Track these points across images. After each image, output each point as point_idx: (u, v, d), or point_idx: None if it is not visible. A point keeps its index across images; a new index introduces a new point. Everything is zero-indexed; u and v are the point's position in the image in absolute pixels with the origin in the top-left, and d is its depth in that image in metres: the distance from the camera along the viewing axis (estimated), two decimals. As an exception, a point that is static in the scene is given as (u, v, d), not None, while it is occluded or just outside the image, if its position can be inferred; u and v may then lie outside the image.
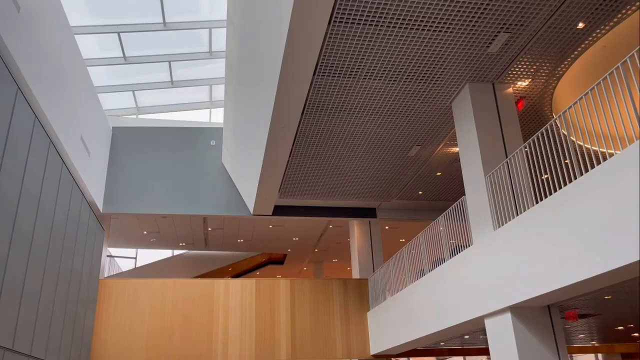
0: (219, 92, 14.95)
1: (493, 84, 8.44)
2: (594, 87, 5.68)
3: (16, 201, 6.85)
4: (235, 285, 12.92)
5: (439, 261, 9.30)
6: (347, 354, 12.78)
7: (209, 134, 13.87)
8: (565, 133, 6.23)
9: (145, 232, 16.96)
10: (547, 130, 6.59)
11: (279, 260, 21.82)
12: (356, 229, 14.63)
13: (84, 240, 10.19)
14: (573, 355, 15.28)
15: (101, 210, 12.27)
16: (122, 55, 12.44)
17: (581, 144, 6.49)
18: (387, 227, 16.17)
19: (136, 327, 11.94)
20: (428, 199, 13.39)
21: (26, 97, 7.25)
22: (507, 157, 7.80)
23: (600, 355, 16.70)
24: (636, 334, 11.30)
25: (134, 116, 15.15)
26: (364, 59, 7.60)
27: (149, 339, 11.90)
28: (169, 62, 13.28)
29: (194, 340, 12.05)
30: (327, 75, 8.01)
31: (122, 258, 20.21)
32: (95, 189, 11.50)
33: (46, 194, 8.00)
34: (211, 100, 15.61)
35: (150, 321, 12.06)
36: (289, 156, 10.39)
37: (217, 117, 15.75)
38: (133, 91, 14.29)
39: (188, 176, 13.35)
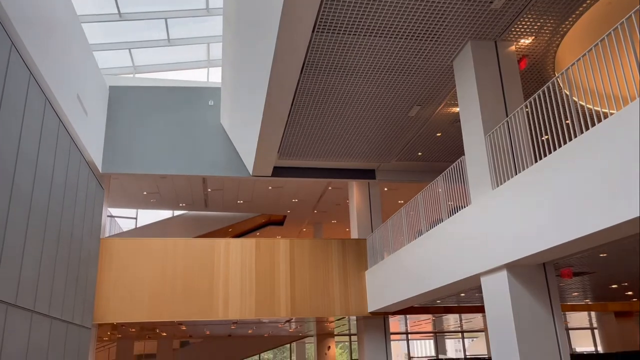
0: (217, 50, 14.71)
1: (495, 42, 8.30)
2: (597, 44, 5.57)
3: (14, 160, 6.83)
4: (235, 244, 13.06)
5: (437, 222, 9.37)
6: (345, 311, 13.05)
7: (207, 93, 13.74)
8: (568, 93, 6.16)
9: (145, 193, 17.03)
10: (548, 89, 6.51)
11: (279, 222, 22.01)
12: (355, 191, 14.68)
13: (83, 199, 10.23)
14: (566, 313, 15.59)
15: (100, 170, 12.27)
16: (117, 12, 12.18)
17: (583, 104, 6.43)
18: (385, 189, 16.22)
19: (138, 286, 12.13)
20: (427, 160, 13.38)
21: (20, 53, 7.13)
22: (507, 117, 7.74)
23: (593, 314, 17.05)
24: (630, 292, 11.50)
25: (131, 75, 14.96)
26: (364, 15, 7.44)
27: (150, 296, 12.11)
28: (165, 19, 13.01)
29: (195, 298, 12.27)
30: (327, 33, 7.86)
31: (122, 218, 20.37)
32: (94, 148, 11.47)
33: (44, 153, 7.97)
34: (209, 59, 15.38)
35: (151, 279, 12.24)
36: (288, 116, 10.31)
37: (215, 76, 15.55)
38: (129, 49, 14.06)
39: (186, 136, 13.29)
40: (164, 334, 19.86)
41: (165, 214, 20.62)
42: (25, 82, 7.30)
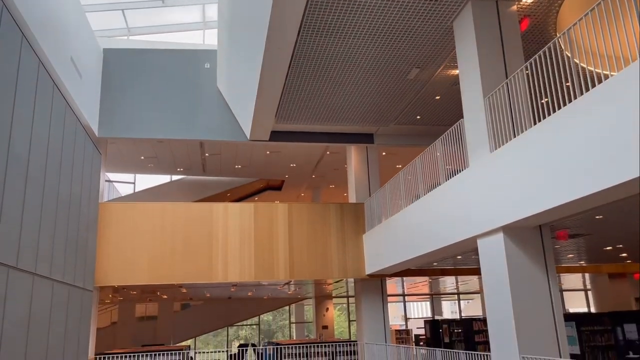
0: (212, 11, 14.41)
1: (497, 2, 8.12)
2: (599, 3, 5.46)
3: (9, 123, 6.77)
4: (234, 209, 13.12)
5: (435, 186, 9.39)
6: (343, 274, 13.23)
7: (203, 56, 13.53)
8: (569, 55, 6.07)
9: (142, 158, 16.98)
10: (549, 49, 6.42)
11: (277, 187, 22.05)
12: (353, 155, 14.66)
13: (81, 164, 10.20)
14: (561, 274, 15.85)
15: (97, 134, 12.19)
16: (109, -28, 11.86)
17: (584, 66, 6.34)
18: (384, 153, 16.19)
19: (137, 249, 12.25)
20: (426, 123, 13.31)
21: (12, 15, 6.96)
22: (507, 79, 7.65)
23: (587, 275, 17.34)
24: (624, 254, 11.65)
25: (125, 37, 14.69)
26: (362, -27, 7.24)
27: (150, 259, 12.24)
28: (159, -21, 12.70)
29: (195, 261, 12.41)
30: (324, -8, 7.66)
31: (120, 183, 20.39)
32: (90, 112, 11.36)
33: (39, 117, 7.89)
34: (204, 21, 15.09)
35: (151, 243, 12.35)
36: (286, 79, 10.18)
37: (210, 38, 15.28)
38: (122, 10, 13.75)
39: (183, 100, 13.16)
40: (165, 296, 20.17)
41: (163, 178, 20.63)
42: (18, 43, 7.16)
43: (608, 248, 10.57)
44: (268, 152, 16.66)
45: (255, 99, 10.32)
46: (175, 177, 20.60)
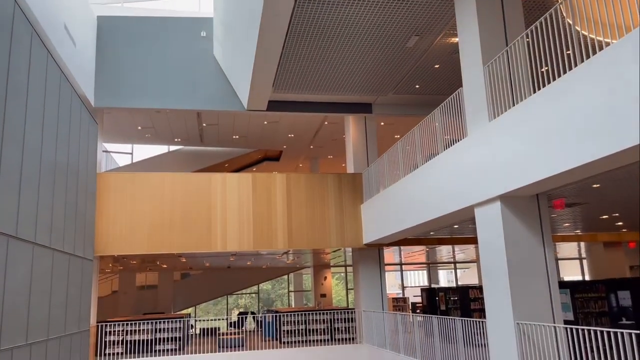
0: (208, -22, 14.09)
1: (498, -33, 7.94)
2: (604, -33, 5.34)
3: (3, 93, 6.69)
4: (232, 179, 13.13)
5: (433, 156, 9.38)
6: (341, 243, 13.35)
7: (199, 24, 13.30)
8: (570, 22, 5.98)
9: (139, 128, 16.89)
10: (550, 16, 6.31)
11: (275, 157, 22.02)
12: (351, 125, 14.60)
13: (77, 134, 10.14)
14: (557, 243, 16.01)
15: (93, 104, 12.09)
16: (101, -64, 11.54)
17: (586, 34, 6.25)
18: (382, 123, 16.12)
19: (136, 219, 12.30)
20: (425, 93, 13.20)
21: (1, -20, 6.80)
22: (507, 46, 7.55)
23: (582, 244, 17.53)
24: (620, 223, 11.75)
25: (119, 4, 14.40)
26: (361, -63, 7.06)
27: (149, 229, 12.31)
28: (153, -56, 12.37)
29: (194, 231, 12.49)
30: (322, -44, 7.49)
31: (118, 153, 20.33)
32: (85, 81, 11.23)
33: (34, 86, 7.80)
34: (200, -12, 14.78)
35: (150, 213, 12.40)
36: (283, 47, 10.04)
37: (206, 6, 15.00)
38: (116, -23, 13.46)
39: (179, 69, 13.01)
40: (165, 266, 20.38)
41: (161, 149, 20.57)
42: (10, 11, 7.02)
43: (604, 217, 10.65)
44: (266, 123, 16.57)
45: (252, 67, 10.20)
46: (173, 148, 20.53)
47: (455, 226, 11.06)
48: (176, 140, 18.58)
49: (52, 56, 8.73)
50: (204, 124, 16.76)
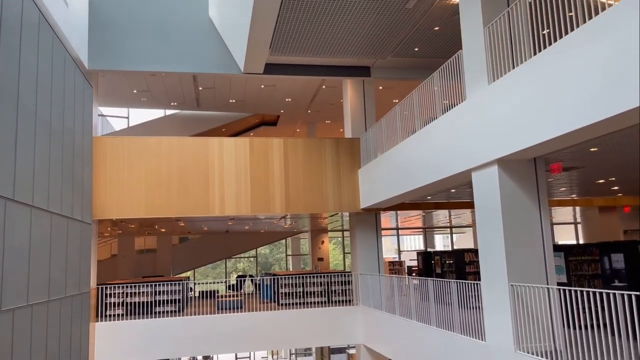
0: None
1: None
2: None
3: (-5, 52, 6.57)
4: (229, 143, 13.07)
5: (431, 121, 9.32)
6: (339, 207, 13.42)
7: (193, -16, 12.96)
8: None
9: (135, 91, 16.70)
10: (554, -25, 6.15)
11: (272, 122, 21.89)
12: (350, 89, 14.45)
13: (72, 96, 10.02)
14: (552, 208, 16.14)
15: (87, 66, 11.89)
16: None
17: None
18: (380, 87, 15.96)
19: (134, 183, 12.31)
20: (424, 56, 13.00)
21: None
22: (508, 7, 7.40)
23: (578, 209, 17.66)
24: (616, 187, 11.80)
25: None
26: None
27: (147, 193, 12.33)
28: None
29: (192, 195, 12.51)
30: None
31: (114, 117, 20.17)
32: (78, 43, 11.01)
33: (27, 47, 7.65)
34: (194, -54, 14.32)
35: (147, 177, 12.39)
36: (280, 7, 9.81)
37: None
38: None
39: (175, 31, 12.76)
40: (163, 230, 20.51)
41: (157, 113, 20.40)
42: (-3, -33, 6.82)
43: (600, 181, 10.68)
44: (263, 86, 16.39)
45: (249, 28, 10.00)
46: (169, 112, 20.36)
47: (453, 190, 11.10)
48: (172, 104, 18.41)
49: (44, 17, 8.54)
50: (200, 88, 16.57)
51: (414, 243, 32.02)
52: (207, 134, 19.90)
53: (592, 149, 7.11)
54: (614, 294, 5.04)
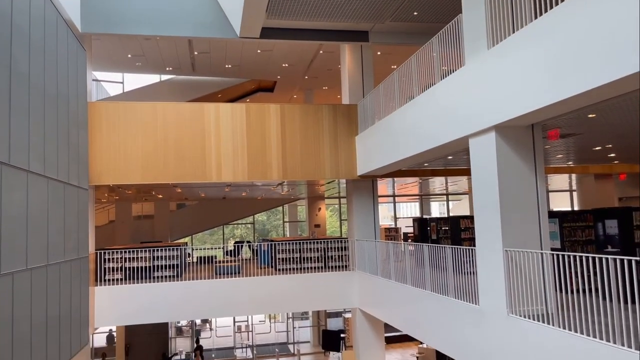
0: None
1: None
2: None
3: (-15, 13, 6.42)
4: (225, 109, 12.97)
5: (430, 87, 9.23)
6: (335, 174, 13.44)
7: (187, -56, 12.60)
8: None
9: (129, 56, 16.45)
10: None
11: (269, 88, 21.68)
12: (347, 54, 14.25)
13: (65, 60, 9.86)
14: (548, 175, 16.20)
15: (80, 29, 11.67)
16: None
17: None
18: (379, 53, 15.75)
19: (130, 149, 12.26)
20: (423, 20, 12.79)
21: None
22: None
23: (573, 176, 17.74)
24: (612, 155, 11.81)
25: None
26: None
27: (144, 159, 12.30)
28: None
29: (188, 161, 12.49)
30: None
31: (109, 83, 19.93)
32: (70, 5, 10.78)
33: (17, 9, 7.47)
34: None
35: (143, 143, 12.34)
36: (276, -31, 9.59)
37: None
38: None
39: (169, -7, 12.47)
40: (160, 196, 20.55)
41: (152, 78, 20.15)
42: None
43: (597, 148, 10.68)
44: (259, 51, 16.16)
45: (244, -9, 9.79)
46: (164, 77, 20.11)
47: (449, 157, 11.09)
48: (168, 69, 18.17)
49: (33, -24, 8.31)
50: (196, 52, 16.33)
51: (410, 211, 32.23)
52: (203, 99, 19.73)
53: (590, 115, 7.08)
54: (606, 259, 5.11)
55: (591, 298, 5.67)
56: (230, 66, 17.63)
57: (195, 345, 19.18)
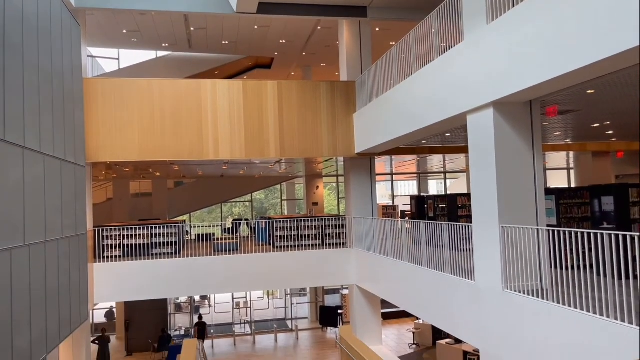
0: None
1: None
2: None
3: (-24, -14, 6.31)
4: (222, 86, 12.86)
5: (428, 63, 9.14)
6: (333, 152, 13.41)
7: None
8: None
9: (125, 31, 16.24)
10: None
11: (266, 65, 21.48)
12: (345, 30, 14.08)
13: (59, 35, 9.73)
14: (546, 153, 16.19)
15: (73, 4, 11.50)
16: None
17: None
18: (377, 29, 15.58)
19: (127, 126, 12.19)
20: (423, -5, 12.61)
21: None
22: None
23: (571, 154, 17.75)
24: (610, 132, 11.80)
25: None
26: None
27: (141, 137, 12.24)
28: None
29: (186, 138, 12.44)
30: None
31: (104, 59, 19.71)
32: (63, -21, 10.58)
33: (8, -19, 7.34)
34: None
35: (140, 120, 12.26)
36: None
37: None
38: None
39: (164, -33, 12.26)
40: (158, 174, 20.54)
41: (148, 55, 19.93)
42: None
43: (595, 125, 10.66)
44: (256, 27, 15.96)
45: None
46: (160, 54, 19.89)
47: (447, 134, 11.07)
48: (164, 45, 17.96)
49: (25, -52, 8.13)
50: (192, 28, 16.13)
51: (408, 189, 32.30)
52: (199, 76, 19.56)
53: (588, 91, 7.04)
54: (601, 235, 5.14)
55: (585, 274, 5.72)
56: (227, 42, 17.43)
57: (197, 320, 19.28)
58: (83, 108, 11.52)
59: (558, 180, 25.52)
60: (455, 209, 12.88)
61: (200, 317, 19.33)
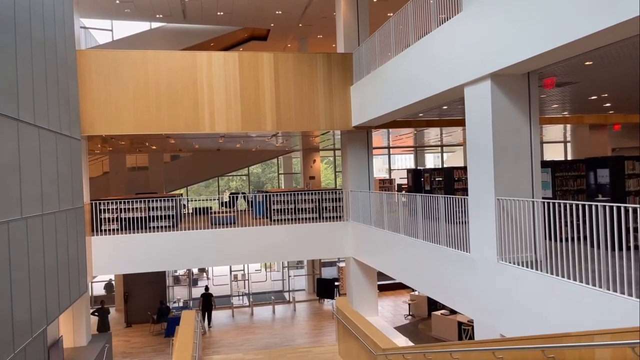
0: None
1: None
2: None
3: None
4: (218, 58, 12.70)
5: (426, 35, 9.03)
6: (330, 125, 13.35)
7: None
8: None
9: (117, 2, 15.93)
10: None
11: (262, 37, 21.18)
12: (343, 1, 13.85)
13: (51, 5, 9.54)
14: (543, 126, 16.16)
15: (64, -27, 11.22)
16: None
17: None
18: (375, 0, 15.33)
19: (122, 98, 12.07)
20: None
21: None
22: None
23: (568, 127, 17.73)
24: (608, 104, 11.76)
25: None
26: None
27: (136, 110, 12.14)
28: None
29: (181, 111, 12.34)
30: None
31: (97, 30, 19.40)
32: (53, -53, 10.33)
33: (-3, -51, 7.16)
34: None
35: (134, 93, 12.14)
36: None
37: None
38: None
39: None
40: (154, 147, 20.45)
41: (142, 26, 19.61)
42: None
43: (593, 97, 10.61)
44: (252, -3, 15.68)
45: None
46: (155, 25, 19.57)
47: (445, 107, 11.02)
48: (158, 16, 17.66)
49: None
50: (186, -1, 15.84)
51: (405, 163, 32.32)
52: (195, 48, 19.29)
53: (586, 63, 6.98)
54: (596, 206, 5.17)
55: (579, 246, 5.78)
56: (222, 13, 17.14)
57: (204, 291, 19.36)
58: (77, 80, 11.39)
59: (555, 153, 25.56)
60: (451, 182, 12.90)
61: (206, 289, 19.50)
